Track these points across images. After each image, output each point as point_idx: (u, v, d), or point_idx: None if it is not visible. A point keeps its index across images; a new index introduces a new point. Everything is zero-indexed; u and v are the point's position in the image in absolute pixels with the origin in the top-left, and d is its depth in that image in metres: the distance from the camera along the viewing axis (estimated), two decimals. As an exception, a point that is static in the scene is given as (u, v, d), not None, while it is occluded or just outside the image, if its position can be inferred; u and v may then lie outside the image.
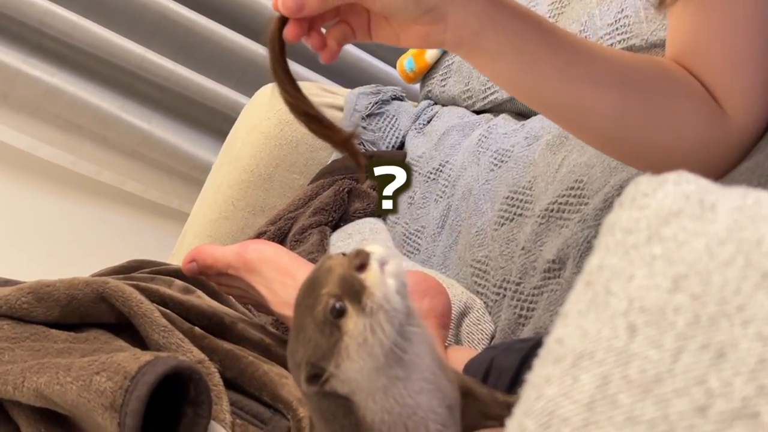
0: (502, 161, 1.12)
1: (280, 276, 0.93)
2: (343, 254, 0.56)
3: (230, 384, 0.78)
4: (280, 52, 0.70)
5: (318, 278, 0.55)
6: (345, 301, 0.53)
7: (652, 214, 0.35)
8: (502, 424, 0.36)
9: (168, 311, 0.84)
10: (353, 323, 0.52)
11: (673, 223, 0.34)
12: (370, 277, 0.53)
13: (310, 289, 0.55)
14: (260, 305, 0.98)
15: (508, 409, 0.36)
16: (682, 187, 0.36)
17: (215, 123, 1.93)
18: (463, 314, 0.99)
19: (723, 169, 0.75)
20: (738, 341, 0.29)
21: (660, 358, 0.30)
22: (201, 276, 0.98)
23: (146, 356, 0.68)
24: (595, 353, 0.32)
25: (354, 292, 0.53)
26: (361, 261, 0.54)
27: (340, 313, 0.53)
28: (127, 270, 1.01)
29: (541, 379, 0.34)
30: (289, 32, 0.69)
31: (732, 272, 0.31)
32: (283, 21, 0.69)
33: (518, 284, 0.95)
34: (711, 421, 0.28)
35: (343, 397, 0.54)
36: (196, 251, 0.98)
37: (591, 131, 0.79)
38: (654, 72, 0.75)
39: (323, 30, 0.73)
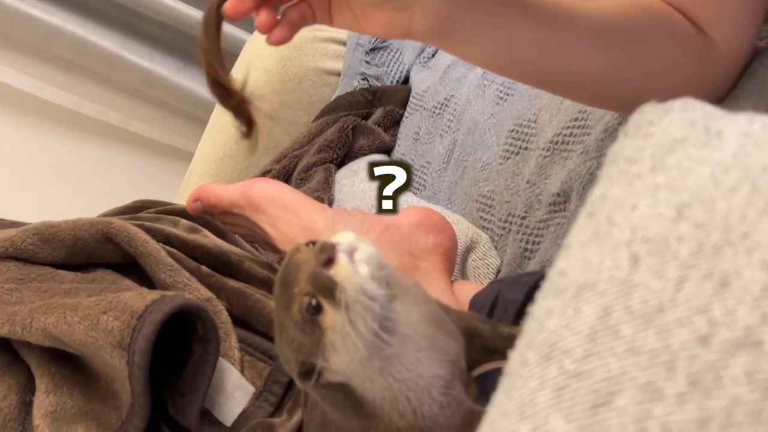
0: (508, 94, 1.10)
1: (285, 214, 0.93)
2: (313, 243, 0.53)
3: (238, 321, 0.79)
4: (215, 26, 0.67)
5: (289, 274, 0.53)
6: (319, 297, 0.51)
7: (657, 142, 0.35)
8: (505, 357, 0.36)
9: (174, 250, 0.84)
10: (331, 318, 0.50)
11: (678, 151, 0.33)
12: (340, 271, 0.51)
13: (284, 286, 0.53)
14: (266, 243, 0.98)
15: (512, 341, 0.36)
16: (687, 114, 0.35)
17: (217, 61, 1.91)
18: (469, 249, 0.99)
19: (716, 96, 0.74)
20: (742, 269, 0.28)
21: (662, 288, 0.30)
22: (206, 215, 0.98)
23: (153, 295, 0.68)
24: (597, 284, 0.32)
25: (326, 288, 0.50)
26: (327, 256, 0.51)
27: (317, 311, 0.51)
28: (132, 210, 1.01)
29: (543, 311, 0.34)
30: (228, 6, 0.64)
31: (737, 199, 0.30)
32: None
33: (523, 218, 0.95)
34: (713, 350, 0.27)
35: (340, 384, 0.53)
36: (200, 190, 0.98)
37: (581, 93, 0.77)
38: (636, 19, 0.72)
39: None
